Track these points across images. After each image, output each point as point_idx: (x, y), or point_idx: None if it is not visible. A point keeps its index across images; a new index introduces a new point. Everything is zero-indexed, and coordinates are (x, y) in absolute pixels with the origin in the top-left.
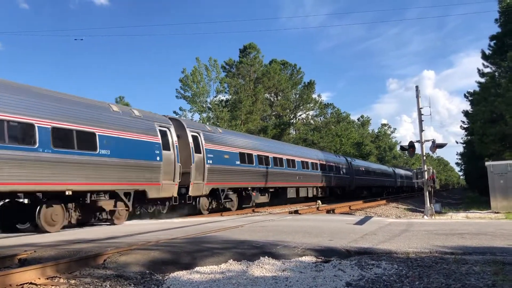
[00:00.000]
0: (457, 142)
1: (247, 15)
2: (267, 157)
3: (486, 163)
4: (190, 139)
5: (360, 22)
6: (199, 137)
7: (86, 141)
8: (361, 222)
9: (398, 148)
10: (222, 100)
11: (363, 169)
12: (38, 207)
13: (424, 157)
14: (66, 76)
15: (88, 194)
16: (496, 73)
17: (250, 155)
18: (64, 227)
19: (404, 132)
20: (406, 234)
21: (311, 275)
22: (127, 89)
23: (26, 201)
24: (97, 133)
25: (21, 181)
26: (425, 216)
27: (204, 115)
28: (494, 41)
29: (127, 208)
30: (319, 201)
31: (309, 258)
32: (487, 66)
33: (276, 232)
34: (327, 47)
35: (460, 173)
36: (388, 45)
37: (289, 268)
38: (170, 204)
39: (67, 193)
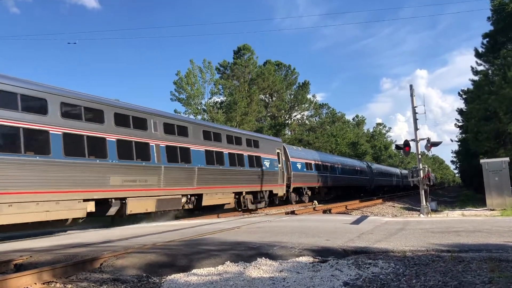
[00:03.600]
0: (452, 140)
1: (241, 17)
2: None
3: (481, 161)
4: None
5: (354, 22)
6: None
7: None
8: (357, 222)
9: (393, 147)
10: (217, 102)
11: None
12: None
13: (420, 156)
14: (59, 79)
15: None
16: (490, 71)
17: None
18: None
19: (399, 131)
20: (402, 233)
21: (308, 275)
22: (120, 91)
23: None
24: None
25: None
26: (421, 215)
27: (199, 117)
28: (487, 39)
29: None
30: (316, 201)
31: (306, 259)
32: (481, 64)
33: (273, 233)
34: (321, 48)
35: (456, 171)
36: (381, 45)
37: (286, 268)
38: None
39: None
